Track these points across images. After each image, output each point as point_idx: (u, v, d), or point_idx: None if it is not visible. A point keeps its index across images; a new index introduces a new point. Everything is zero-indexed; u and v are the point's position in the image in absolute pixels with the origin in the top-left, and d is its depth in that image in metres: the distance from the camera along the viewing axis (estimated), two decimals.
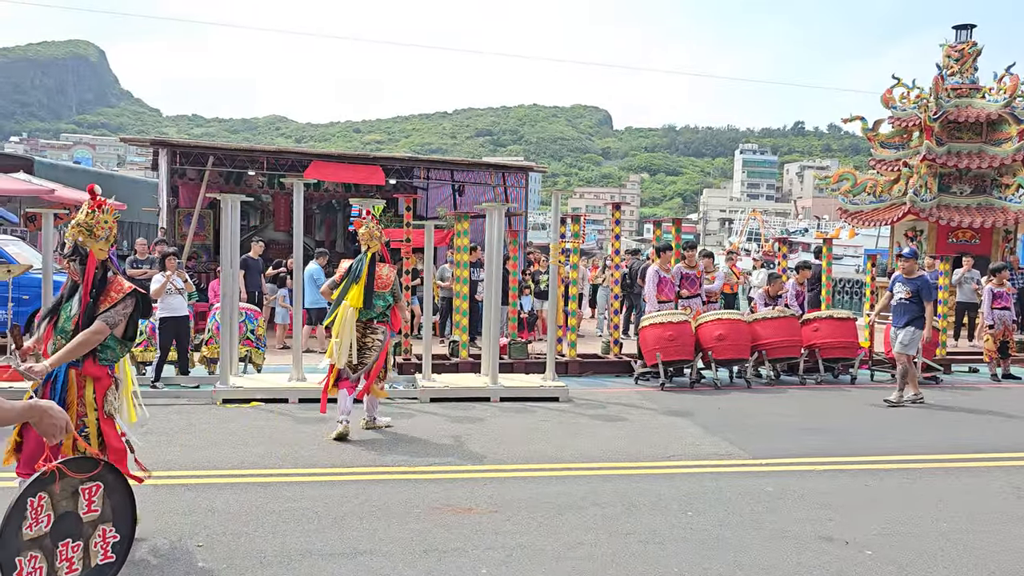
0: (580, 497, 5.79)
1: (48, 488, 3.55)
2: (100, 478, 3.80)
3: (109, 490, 3.85)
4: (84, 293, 4.43)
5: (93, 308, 4.40)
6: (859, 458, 7.12)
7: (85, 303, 4.41)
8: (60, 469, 3.58)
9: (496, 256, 9.79)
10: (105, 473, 3.85)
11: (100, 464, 3.85)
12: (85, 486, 3.74)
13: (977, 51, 18.86)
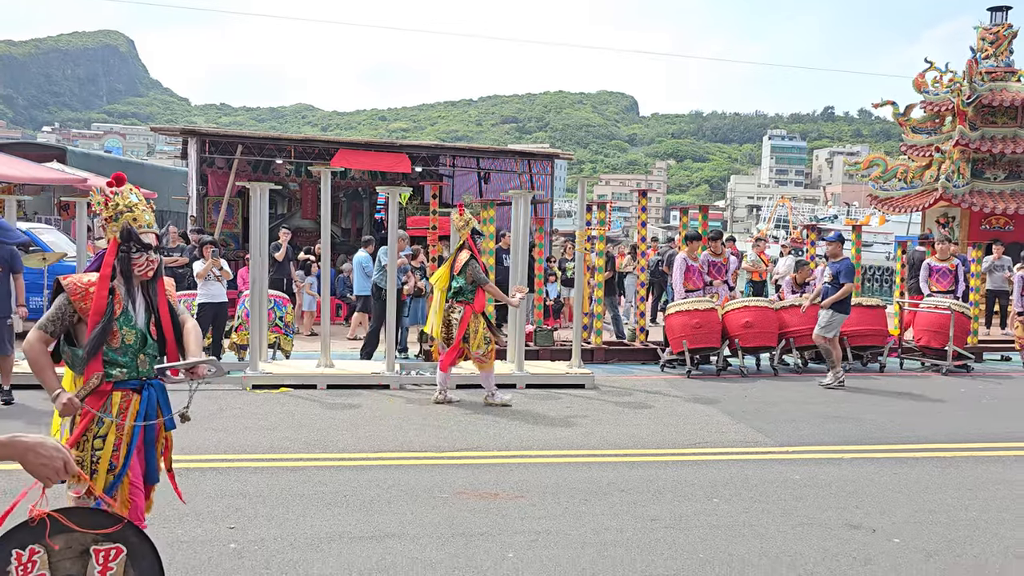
0: (606, 483, 5.82)
1: (42, 541, 2.71)
2: (121, 539, 2.88)
3: (133, 557, 2.89)
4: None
5: None
6: (887, 446, 7.07)
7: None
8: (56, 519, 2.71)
9: (522, 243, 9.81)
10: (128, 533, 2.91)
11: (121, 522, 2.92)
12: (101, 547, 2.83)
13: (1013, 33, 18.52)
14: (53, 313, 3.50)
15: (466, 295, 8.34)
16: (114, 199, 3.64)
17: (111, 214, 3.64)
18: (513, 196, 10.07)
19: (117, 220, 3.62)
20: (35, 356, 3.46)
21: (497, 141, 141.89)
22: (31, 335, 3.47)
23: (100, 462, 3.49)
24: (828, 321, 9.90)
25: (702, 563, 4.46)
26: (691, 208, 12.80)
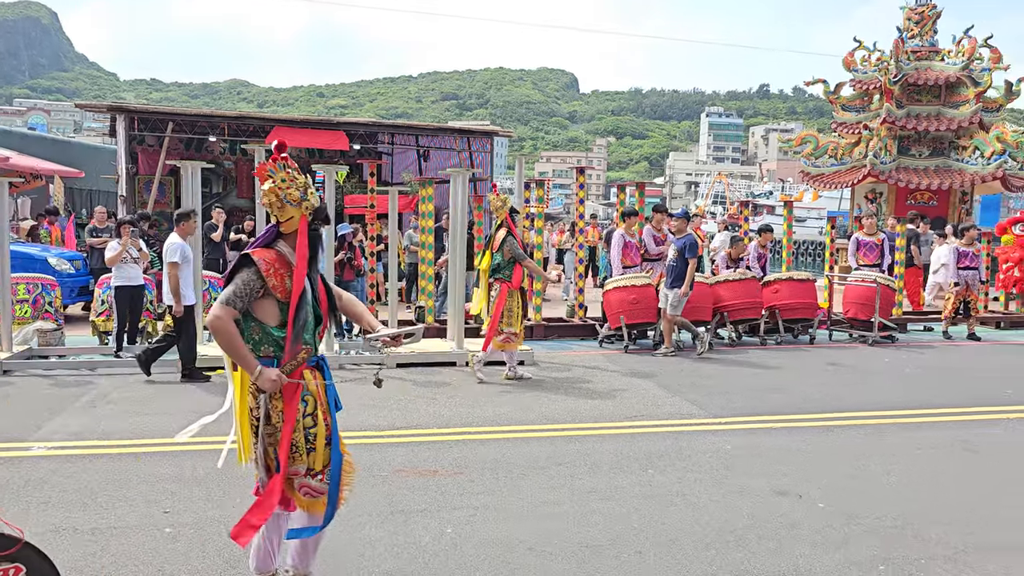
0: (544, 458, 5.92)
1: None
2: (21, 558, 2.88)
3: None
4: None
5: None
6: (815, 415, 7.32)
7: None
8: None
9: (460, 222, 9.81)
10: (27, 552, 2.90)
11: (19, 542, 2.88)
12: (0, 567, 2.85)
13: (936, 14, 19.08)
14: (241, 288, 3.37)
15: (503, 272, 8.54)
16: (300, 177, 3.50)
17: (300, 191, 3.48)
18: (451, 174, 10.04)
19: (307, 198, 3.49)
20: (230, 333, 3.34)
21: (437, 118, 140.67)
22: (219, 311, 3.32)
23: (317, 439, 3.52)
24: (677, 301, 9.98)
25: (636, 532, 4.58)
26: (628, 185, 12.94)
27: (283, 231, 3.53)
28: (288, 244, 3.51)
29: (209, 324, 3.33)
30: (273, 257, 3.45)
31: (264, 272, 3.40)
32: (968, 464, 6.00)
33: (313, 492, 3.54)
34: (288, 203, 3.47)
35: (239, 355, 3.37)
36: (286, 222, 3.51)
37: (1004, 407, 7.78)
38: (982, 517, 4.90)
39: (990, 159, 17.50)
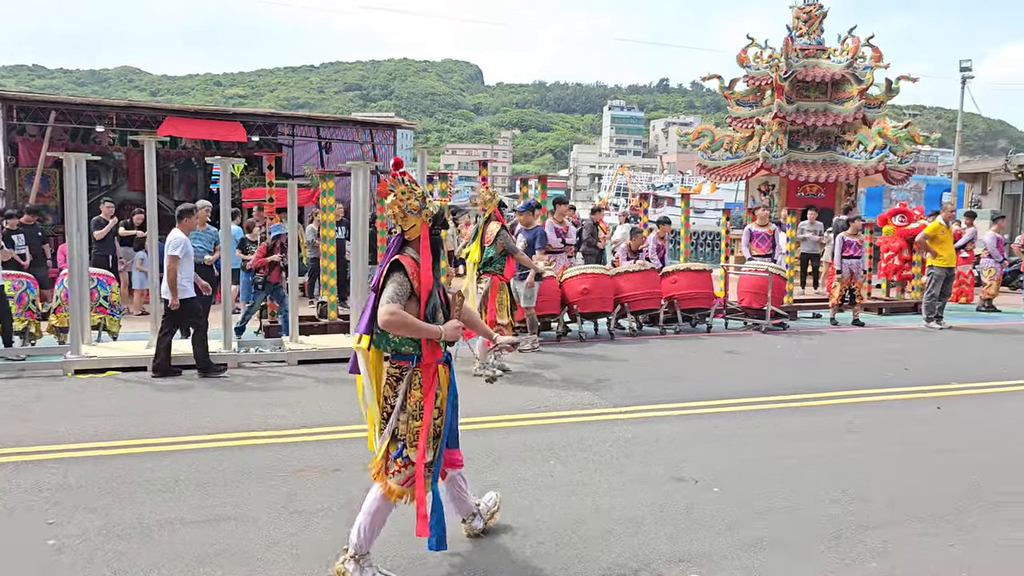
0: None
1: None
2: None
3: None
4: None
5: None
6: (712, 402, 7.57)
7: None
8: None
9: (362, 216, 9.68)
10: None
11: None
12: None
13: (823, 13, 19.91)
14: (398, 288, 3.77)
15: (495, 265, 8.68)
16: (418, 188, 3.89)
17: (419, 201, 3.86)
18: (352, 168, 9.89)
19: (426, 206, 3.87)
20: (407, 319, 3.71)
21: (341, 109, 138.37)
22: (390, 308, 3.68)
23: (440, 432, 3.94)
24: (528, 292, 9.81)
25: (538, 523, 4.64)
26: (531, 178, 13.03)
27: (407, 238, 3.92)
28: (414, 249, 3.89)
29: (385, 324, 3.69)
30: (410, 261, 3.83)
31: (411, 275, 3.80)
32: (854, 444, 6.32)
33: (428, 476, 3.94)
34: (409, 212, 3.86)
35: (421, 330, 3.77)
36: (409, 230, 3.90)
37: (887, 389, 8.23)
38: (865, 495, 5.17)
39: (872, 153, 18.41)
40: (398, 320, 3.68)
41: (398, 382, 3.88)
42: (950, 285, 12.93)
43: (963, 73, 30.67)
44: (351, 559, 3.87)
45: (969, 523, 4.75)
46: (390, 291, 3.75)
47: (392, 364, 3.94)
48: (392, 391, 3.90)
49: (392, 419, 3.87)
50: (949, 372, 9.13)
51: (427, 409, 3.84)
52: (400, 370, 3.89)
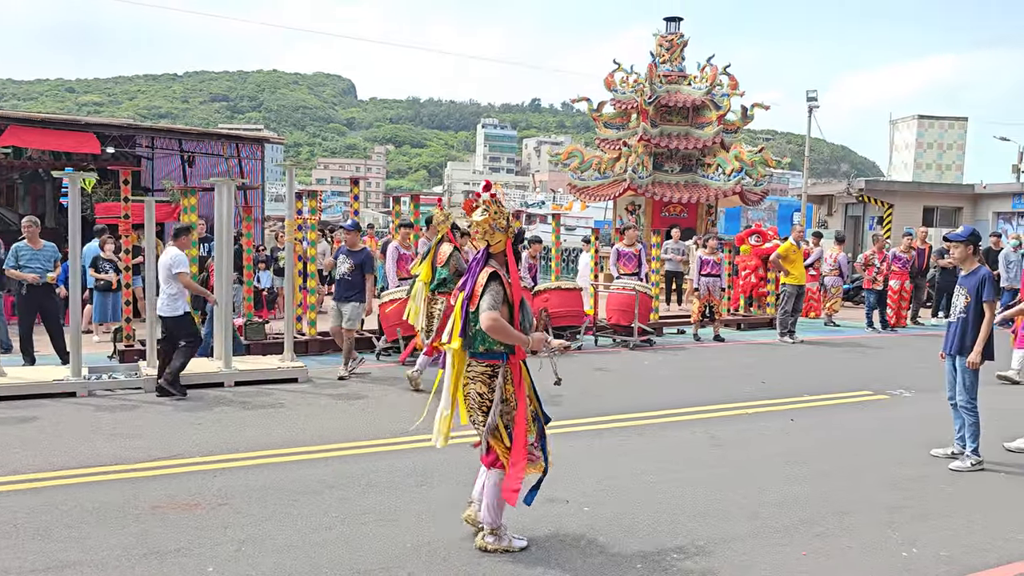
0: (317, 481, 5.73)
1: None
2: None
3: None
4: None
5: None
6: (579, 420, 7.69)
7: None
8: None
9: (227, 233, 9.32)
10: None
11: None
12: None
13: (684, 42, 20.85)
14: (496, 296, 4.36)
15: (449, 286, 8.71)
16: (505, 209, 4.53)
17: (505, 220, 4.52)
18: (216, 184, 9.50)
19: (511, 224, 4.53)
20: (504, 326, 4.34)
21: (207, 120, 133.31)
22: (491, 314, 4.30)
23: (537, 416, 4.68)
24: (354, 314, 9.55)
25: (411, 552, 4.55)
26: (404, 196, 12.95)
27: (492, 252, 4.55)
28: (497, 261, 4.54)
29: (488, 329, 4.32)
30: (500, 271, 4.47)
31: (505, 284, 4.41)
32: (715, 457, 6.57)
33: (533, 457, 4.60)
34: (497, 229, 4.50)
35: (513, 337, 4.39)
36: (495, 244, 4.53)
37: (746, 403, 8.62)
38: (728, 508, 5.38)
39: (730, 176, 19.38)
40: (499, 326, 4.30)
41: (491, 379, 4.47)
42: (801, 301, 13.74)
43: (810, 102, 32.80)
44: (490, 534, 4.55)
45: (821, 532, 5.02)
46: (489, 299, 4.35)
47: (481, 363, 4.49)
48: (487, 388, 4.47)
49: (492, 412, 4.43)
50: (802, 385, 9.67)
51: (520, 398, 4.51)
52: (492, 368, 4.48)
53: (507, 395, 4.48)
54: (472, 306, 4.47)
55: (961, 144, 36.13)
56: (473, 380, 4.52)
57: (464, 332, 4.50)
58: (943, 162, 35.64)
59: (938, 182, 32.02)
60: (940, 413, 8.11)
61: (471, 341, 4.50)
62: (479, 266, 4.53)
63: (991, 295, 6.36)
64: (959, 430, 6.63)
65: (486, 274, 4.46)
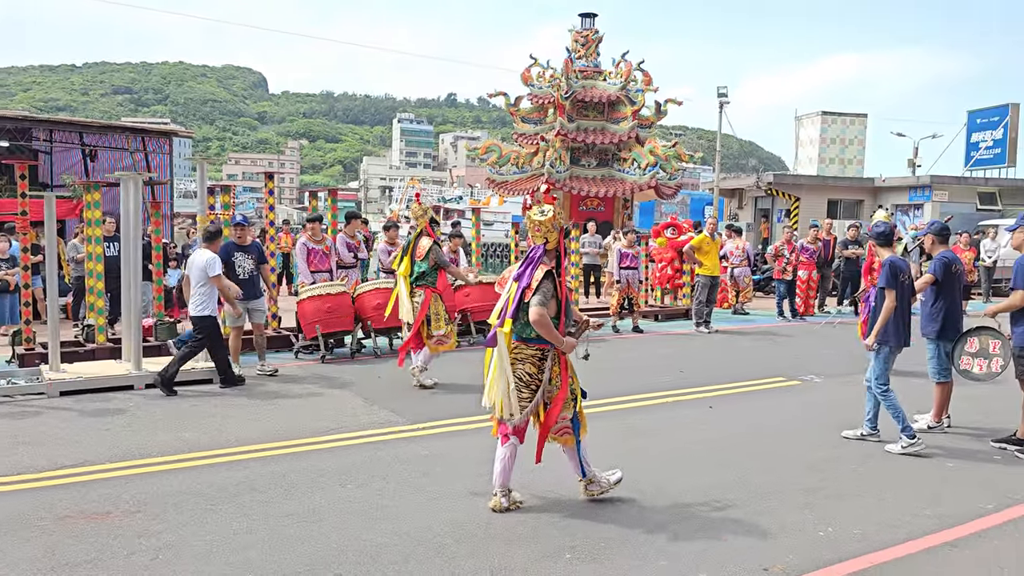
0: (235, 484, 5.56)
1: None
2: None
3: None
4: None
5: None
6: None
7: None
8: None
9: (134, 230, 8.94)
10: None
11: None
12: None
13: (599, 38, 21.03)
14: (548, 295, 4.90)
15: (428, 279, 8.81)
16: (562, 211, 5.11)
17: (562, 220, 5.17)
18: (121, 179, 9.11)
19: (557, 228, 5.09)
20: (548, 322, 4.88)
21: (109, 113, 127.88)
22: (540, 310, 4.82)
23: (577, 396, 5.27)
24: (261, 308, 9.56)
25: (336, 552, 4.46)
26: (320, 191, 12.69)
27: (547, 248, 5.07)
28: (549, 256, 5.08)
29: (534, 322, 4.85)
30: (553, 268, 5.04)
31: (556, 283, 4.99)
32: (635, 447, 6.66)
33: (567, 431, 5.20)
34: (555, 228, 5.06)
35: (554, 335, 4.94)
36: (551, 241, 5.07)
37: (666, 392, 8.78)
38: (649, 496, 5.46)
39: (645, 170, 19.67)
40: (544, 322, 4.86)
41: (541, 361, 5.07)
42: (715, 292, 14.09)
43: (720, 98, 33.65)
44: (503, 496, 5.13)
45: (742, 515, 5.14)
46: (540, 296, 4.88)
47: (531, 346, 5.04)
48: (536, 369, 5.07)
49: (541, 390, 5.06)
50: (718, 373, 9.91)
51: (564, 379, 5.12)
52: (541, 351, 5.06)
53: (553, 376, 5.08)
54: (527, 297, 4.93)
55: (861, 140, 37.73)
56: (522, 361, 5.05)
57: (516, 317, 5.00)
58: (845, 157, 37.15)
59: (841, 176, 33.38)
60: (847, 397, 8.45)
61: (523, 327, 4.99)
62: (537, 261, 5.04)
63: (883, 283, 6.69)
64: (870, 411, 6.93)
65: (543, 271, 4.97)
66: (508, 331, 5.01)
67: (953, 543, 4.78)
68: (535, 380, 5.04)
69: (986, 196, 27.25)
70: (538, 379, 5.04)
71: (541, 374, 5.04)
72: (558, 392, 5.07)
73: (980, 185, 28.07)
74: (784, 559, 4.49)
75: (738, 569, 4.36)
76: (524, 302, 4.95)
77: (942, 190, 26.50)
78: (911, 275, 6.87)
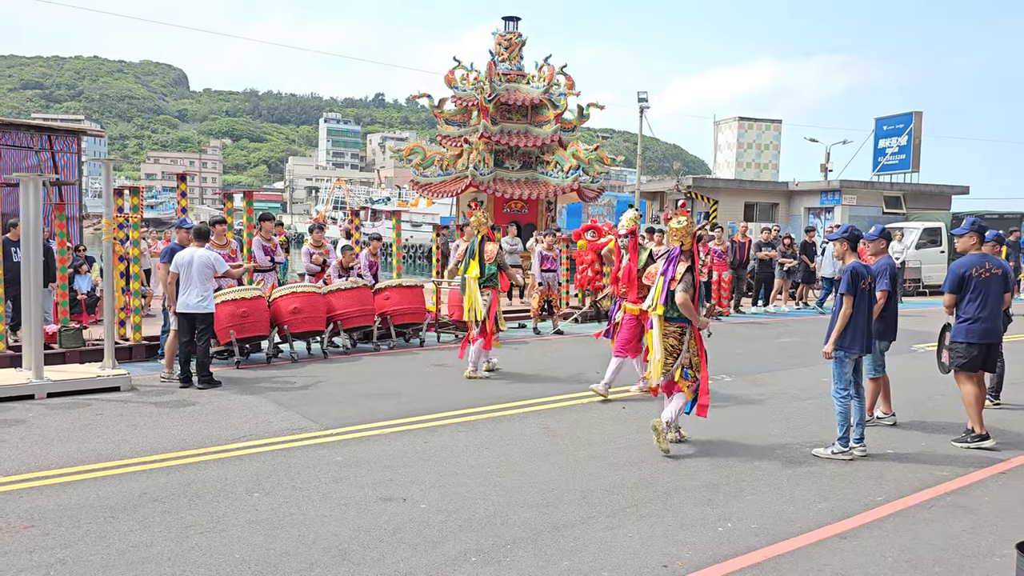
0: (137, 494, 5.42)
1: None
2: None
3: None
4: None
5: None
6: (419, 418, 7.69)
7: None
8: None
9: (34, 234, 8.61)
10: None
11: None
12: None
13: (522, 41, 21.16)
14: (689, 283, 6.47)
15: (494, 280, 9.78)
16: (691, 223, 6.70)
17: (693, 227, 6.70)
18: (21, 180, 8.77)
19: (690, 233, 6.61)
20: (691, 305, 6.48)
21: (18, 109, 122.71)
22: (685, 296, 6.45)
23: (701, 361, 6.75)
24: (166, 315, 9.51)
25: (239, 563, 4.40)
26: (236, 192, 12.45)
27: (683, 249, 6.59)
28: (686, 256, 6.58)
29: (680, 304, 6.46)
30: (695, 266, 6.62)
31: (694, 275, 6.54)
32: (550, 448, 6.74)
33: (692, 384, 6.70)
34: (689, 234, 6.58)
35: (694, 315, 6.52)
36: (686, 243, 6.59)
37: (581, 394, 8.90)
38: (559, 497, 5.54)
39: (568, 173, 19.89)
40: (688, 305, 6.45)
41: (682, 335, 6.64)
42: None
43: (640, 103, 34.28)
44: (666, 425, 6.66)
45: (646, 513, 5.27)
46: (683, 285, 6.44)
47: (675, 324, 6.61)
48: (678, 341, 6.63)
49: (682, 356, 6.63)
50: (634, 374, 10.09)
51: (700, 347, 6.71)
52: (681, 329, 6.62)
53: (690, 346, 6.63)
54: (672, 286, 6.49)
55: (776, 144, 38.91)
56: (668, 336, 6.63)
57: (666, 302, 6.53)
58: (761, 161, 38.26)
59: (757, 180, 34.37)
60: (757, 395, 8.72)
61: (670, 311, 6.55)
62: (678, 259, 6.57)
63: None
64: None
65: (684, 267, 6.51)
66: (660, 313, 6.56)
67: (843, 535, 5.00)
68: (676, 350, 6.62)
69: (892, 200, 28.44)
70: (678, 349, 6.61)
71: (681, 345, 6.61)
72: (698, 357, 6.65)
73: (886, 189, 29.28)
74: (684, 555, 4.63)
75: (640, 567, 4.47)
76: (671, 291, 6.49)
77: (851, 194, 27.55)
78: (873, 281, 6.83)
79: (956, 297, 7.11)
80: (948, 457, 6.76)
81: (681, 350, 6.63)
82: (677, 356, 6.63)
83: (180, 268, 8.99)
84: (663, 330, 6.60)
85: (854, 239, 6.92)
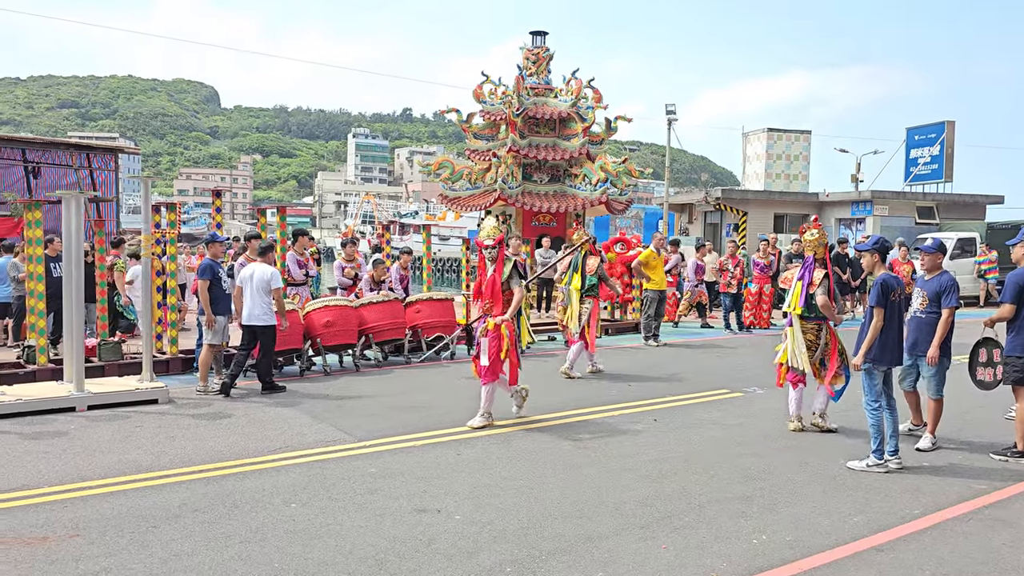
0: (177, 505, 5.53)
1: None
2: None
3: None
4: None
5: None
6: (451, 430, 7.75)
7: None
8: None
9: (76, 250, 8.83)
10: None
11: None
12: None
13: (549, 56, 21.27)
14: (826, 289, 7.52)
15: (594, 291, 10.86)
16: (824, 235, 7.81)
17: (827, 240, 7.81)
18: (63, 197, 9.00)
19: (823, 244, 7.69)
20: (830, 305, 7.49)
21: (55, 128, 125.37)
22: (825, 298, 7.44)
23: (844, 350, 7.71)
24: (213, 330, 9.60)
25: (278, 572, 4.47)
26: (269, 208, 12.65)
27: (816, 257, 7.67)
28: (819, 265, 7.64)
29: (821, 305, 7.45)
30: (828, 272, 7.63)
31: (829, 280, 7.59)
32: (582, 460, 6.76)
33: (840, 375, 7.74)
34: (821, 245, 7.67)
35: (831, 314, 7.57)
36: (819, 253, 7.66)
37: (612, 406, 8.91)
38: (592, 508, 5.56)
39: (596, 186, 19.92)
40: (827, 306, 7.43)
41: (819, 332, 7.75)
42: (663, 306, 14.32)
43: (669, 115, 34.26)
44: (820, 417, 7.90)
45: (680, 525, 5.28)
46: (822, 289, 7.44)
47: (812, 322, 7.69)
48: (815, 337, 7.74)
49: (819, 350, 7.72)
50: (664, 386, 10.09)
51: (834, 342, 7.77)
52: (818, 326, 7.72)
53: (827, 340, 7.74)
54: (811, 290, 7.53)
55: (806, 155, 38.61)
56: (806, 332, 7.72)
57: (805, 303, 7.59)
58: (790, 172, 37.98)
59: (787, 191, 34.13)
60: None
61: (807, 310, 7.59)
62: (812, 267, 7.60)
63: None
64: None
65: (821, 274, 7.52)
66: (799, 313, 7.63)
67: (879, 547, 4.96)
68: (814, 344, 7.71)
69: (924, 210, 28.12)
70: (816, 344, 7.70)
71: (818, 341, 7.70)
72: (831, 350, 7.70)
73: (919, 199, 28.97)
74: (718, 567, 4.63)
75: None
76: (810, 294, 7.52)
77: (883, 204, 27.29)
78: (903, 292, 6.76)
79: (1016, 308, 6.84)
80: (986, 470, 6.68)
81: (819, 344, 7.73)
82: (816, 349, 7.70)
83: (243, 283, 9.42)
84: (802, 328, 7.71)
85: (884, 251, 6.88)
